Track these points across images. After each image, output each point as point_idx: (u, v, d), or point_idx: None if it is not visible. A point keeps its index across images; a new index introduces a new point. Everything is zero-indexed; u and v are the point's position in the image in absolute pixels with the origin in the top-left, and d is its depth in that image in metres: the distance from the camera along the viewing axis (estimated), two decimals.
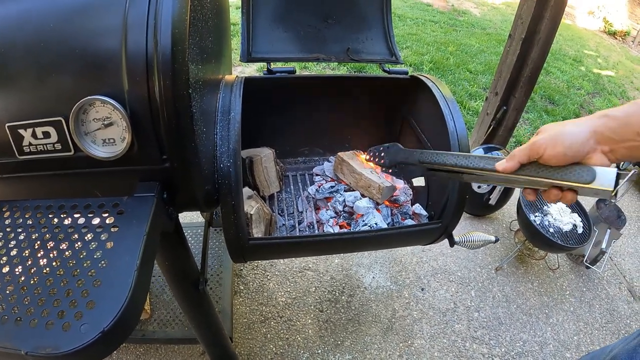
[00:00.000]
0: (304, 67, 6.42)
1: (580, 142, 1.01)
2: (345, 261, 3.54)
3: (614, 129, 0.98)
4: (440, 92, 1.93)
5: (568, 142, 1.02)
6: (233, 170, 1.46)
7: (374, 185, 2.19)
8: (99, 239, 1.02)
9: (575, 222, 3.44)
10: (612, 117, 0.99)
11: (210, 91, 1.49)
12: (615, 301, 3.60)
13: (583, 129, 1.02)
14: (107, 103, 1.00)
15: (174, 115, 1.05)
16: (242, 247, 1.62)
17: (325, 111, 2.46)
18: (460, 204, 1.81)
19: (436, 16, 10.24)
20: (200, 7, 1.28)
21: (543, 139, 1.07)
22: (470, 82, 6.89)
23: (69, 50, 1.01)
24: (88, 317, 0.88)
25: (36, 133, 1.05)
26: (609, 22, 12.60)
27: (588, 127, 1.01)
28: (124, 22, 1.00)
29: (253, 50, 2.15)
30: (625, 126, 0.96)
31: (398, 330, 3.11)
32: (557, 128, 1.07)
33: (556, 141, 1.04)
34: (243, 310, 3.07)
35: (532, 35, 3.55)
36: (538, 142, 1.07)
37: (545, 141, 1.06)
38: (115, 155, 1.07)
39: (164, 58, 1.00)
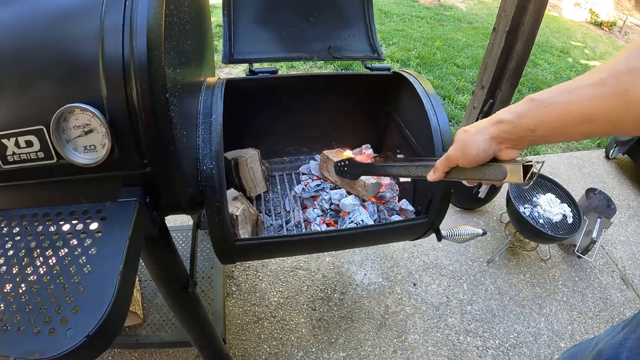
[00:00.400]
0: (291, 66, 6.42)
1: (484, 149, 1.11)
2: (336, 259, 3.55)
3: (509, 132, 1.06)
4: (422, 87, 1.94)
5: (474, 151, 1.13)
6: (216, 172, 1.46)
7: (359, 182, 2.19)
8: (83, 245, 1.03)
9: (565, 212, 3.46)
10: (505, 121, 1.07)
11: (191, 94, 1.49)
12: (608, 289, 3.62)
13: (482, 138, 1.11)
14: (86, 110, 1.01)
15: (153, 120, 1.05)
16: (228, 249, 1.62)
17: (310, 110, 2.47)
18: (446, 198, 1.82)
19: (422, 12, 10.26)
20: (177, 11, 1.28)
21: (454, 151, 1.20)
22: (457, 76, 6.90)
23: (47, 59, 1.01)
24: (73, 322, 0.89)
25: (19, 142, 1.06)
26: (595, 13, 12.65)
27: (486, 135, 1.11)
28: (101, 28, 1.01)
29: (235, 51, 2.15)
30: (518, 127, 1.04)
31: (391, 326, 3.12)
32: (462, 139, 1.17)
33: (464, 152, 1.16)
34: (236, 311, 3.08)
35: (516, 27, 3.56)
36: (451, 155, 1.21)
37: (456, 153, 1.19)
38: (96, 161, 1.07)
39: (140, 63, 1.00)
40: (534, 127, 1.00)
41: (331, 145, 2.63)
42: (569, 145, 5.58)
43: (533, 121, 1.00)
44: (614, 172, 5.15)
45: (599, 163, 5.29)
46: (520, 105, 1.04)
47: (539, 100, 0.99)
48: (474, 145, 1.12)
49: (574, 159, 5.29)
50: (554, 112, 0.95)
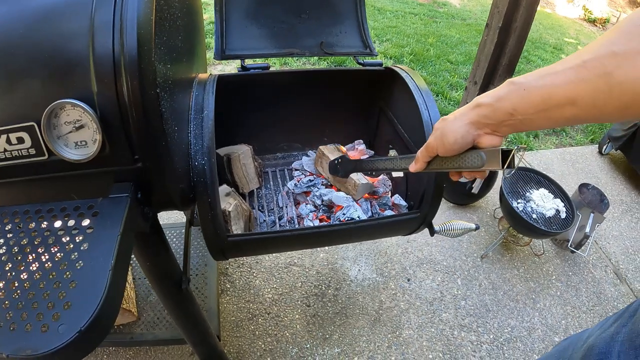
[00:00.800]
0: (285, 63, 6.42)
1: (462, 136, 1.10)
2: (330, 255, 3.55)
3: (488, 116, 1.04)
4: (414, 82, 1.94)
5: (452, 139, 1.11)
6: (208, 167, 1.46)
7: (350, 182, 2.20)
8: (75, 240, 1.02)
9: (558, 207, 3.46)
10: (484, 105, 1.05)
11: (182, 90, 1.49)
12: (601, 284, 3.63)
13: (461, 123, 1.10)
14: (77, 106, 1.01)
15: (143, 115, 1.05)
16: (221, 245, 1.62)
17: (302, 106, 2.48)
18: (438, 193, 1.82)
19: (416, 8, 10.27)
20: (168, 6, 1.28)
21: (433, 140, 1.19)
22: (451, 72, 6.90)
23: (37, 55, 1.01)
24: (65, 318, 0.89)
25: (10, 139, 1.06)
26: (589, 10, 12.69)
27: (465, 121, 1.09)
28: (91, 24, 1.01)
29: (227, 47, 2.15)
30: (496, 111, 1.02)
31: (386, 321, 3.12)
32: (441, 127, 1.16)
33: (443, 140, 1.14)
34: (230, 308, 3.08)
35: (508, 24, 3.57)
36: (430, 144, 1.20)
37: (435, 142, 1.18)
38: (87, 157, 1.07)
39: (131, 59, 1.00)
40: (513, 110, 0.99)
41: (323, 140, 2.63)
42: (562, 141, 5.60)
43: (512, 104, 0.99)
44: (607, 168, 5.17)
45: (592, 158, 5.31)
46: (500, 88, 1.02)
47: (518, 83, 0.98)
48: (452, 132, 1.11)
49: (567, 154, 5.30)
50: (535, 94, 0.94)
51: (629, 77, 0.78)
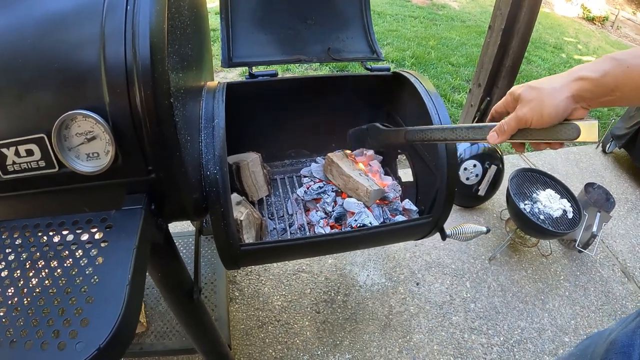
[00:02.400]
0: (287, 69, 6.41)
1: (563, 110, 1.08)
2: (338, 261, 3.54)
3: (590, 90, 1.03)
4: (423, 86, 1.93)
5: (553, 112, 1.08)
6: (220, 177, 1.45)
7: (362, 189, 2.18)
8: (89, 254, 1.01)
9: (565, 207, 3.45)
10: (588, 79, 1.03)
11: (193, 99, 1.48)
12: (609, 283, 3.61)
13: (562, 96, 1.07)
14: (89, 117, 0.99)
15: (157, 125, 1.03)
16: (234, 254, 1.61)
17: (310, 112, 2.45)
18: (450, 197, 1.81)
19: (415, 11, 10.26)
20: (178, 14, 1.27)
21: (529, 112, 1.13)
22: (452, 75, 6.90)
23: (47, 65, 1.00)
24: (83, 335, 0.87)
25: (19, 151, 1.04)
26: (587, 9, 12.67)
27: (567, 94, 1.07)
28: (102, 33, 0.99)
29: (234, 55, 2.14)
30: (600, 86, 1.01)
31: (396, 326, 3.11)
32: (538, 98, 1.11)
33: (542, 112, 1.10)
34: (240, 316, 3.06)
35: (511, 25, 3.56)
36: (525, 115, 1.14)
37: (531, 114, 1.12)
38: (100, 169, 1.06)
39: (144, 68, 0.99)
40: (615, 87, 0.99)
41: (331, 147, 2.62)
42: None
43: (615, 81, 0.98)
44: (611, 166, 5.15)
45: (596, 157, 5.29)
46: (601, 63, 1.02)
47: (620, 59, 0.98)
48: (553, 104, 1.08)
49: (571, 154, 5.29)
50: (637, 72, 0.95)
51: None
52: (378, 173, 2.44)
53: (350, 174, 2.23)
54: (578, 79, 1.05)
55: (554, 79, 1.11)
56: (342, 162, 2.30)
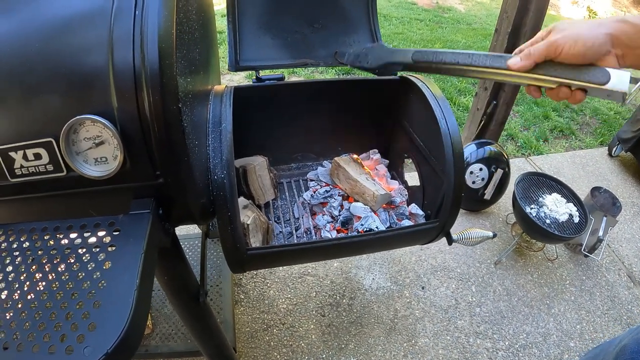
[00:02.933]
0: (293, 72, 6.41)
1: (600, 44, 1.02)
2: (344, 264, 3.53)
3: (630, 35, 1.00)
4: (430, 91, 1.93)
5: (589, 42, 1.03)
6: (227, 181, 1.45)
7: (369, 193, 2.18)
8: (97, 259, 1.01)
9: (571, 211, 3.44)
10: (631, 23, 1.00)
11: (200, 103, 1.48)
12: (615, 287, 3.60)
13: (601, 31, 1.03)
14: (97, 122, 0.99)
15: (165, 130, 1.04)
16: (241, 258, 1.61)
17: (317, 116, 2.46)
18: (457, 202, 1.81)
19: (421, 14, 10.26)
20: (186, 19, 1.27)
21: (562, 39, 1.06)
22: (458, 78, 6.87)
23: (55, 69, 1.00)
24: (90, 339, 0.87)
25: (27, 155, 1.04)
26: (593, 11, 12.66)
27: (605, 30, 1.03)
28: (110, 38, 0.99)
29: (241, 58, 2.14)
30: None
31: (401, 330, 3.10)
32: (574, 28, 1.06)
33: (576, 41, 1.04)
34: (245, 319, 3.06)
35: (518, 28, 3.55)
36: (558, 41, 1.07)
37: (564, 40, 1.06)
38: (108, 173, 1.06)
39: (152, 73, 0.99)
40: None
41: (338, 150, 2.62)
42: (571, 144, 5.57)
43: None
44: (617, 170, 5.13)
45: (602, 161, 5.27)
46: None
47: None
48: (591, 36, 1.03)
49: (577, 157, 5.27)
50: None
51: None
52: (384, 177, 2.44)
53: (357, 178, 2.23)
54: (620, 21, 1.03)
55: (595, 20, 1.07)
56: (349, 166, 2.30)
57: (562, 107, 6.38)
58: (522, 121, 5.91)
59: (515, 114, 6.06)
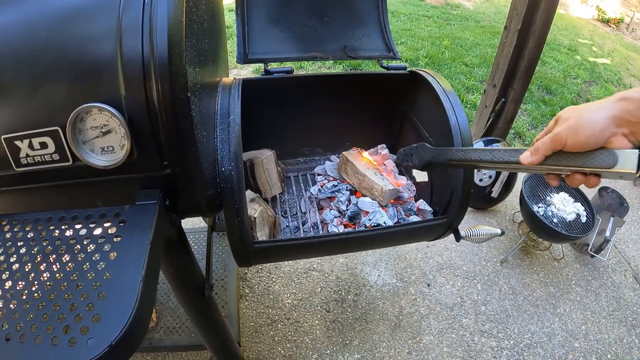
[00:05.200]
0: (300, 66, 6.41)
1: (600, 130, 0.99)
2: (350, 260, 3.53)
3: (633, 112, 0.96)
4: (440, 86, 1.91)
5: (589, 131, 1.00)
6: (235, 173, 1.44)
7: (377, 188, 2.16)
8: (102, 249, 1.00)
9: (578, 211, 3.43)
10: (631, 99, 0.97)
11: (209, 94, 1.46)
12: (621, 289, 3.59)
13: (602, 115, 1.00)
14: (104, 110, 0.98)
15: (174, 120, 1.03)
16: (247, 251, 1.60)
17: (325, 110, 2.45)
18: (465, 198, 1.79)
19: (429, 11, 10.26)
20: (196, 8, 1.26)
21: (564, 131, 1.05)
22: (466, 75, 6.88)
23: (62, 57, 0.99)
24: (94, 331, 0.86)
25: (33, 144, 1.03)
26: (602, 10, 12.63)
27: (607, 113, 0.99)
28: (118, 26, 0.98)
29: (249, 51, 2.13)
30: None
31: (406, 327, 3.10)
32: (575, 116, 1.04)
33: (577, 131, 1.02)
34: (249, 314, 3.06)
35: (527, 26, 3.54)
36: (560, 134, 1.06)
37: (566, 132, 1.04)
38: (114, 163, 1.05)
39: (161, 62, 0.98)
40: None
41: (345, 145, 2.61)
42: None
43: None
44: None
45: None
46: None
47: None
48: (591, 123, 1.01)
49: None
50: None
51: None
52: (392, 172, 2.43)
53: (365, 172, 2.22)
54: (621, 99, 0.99)
55: (598, 101, 1.05)
56: (357, 161, 2.29)
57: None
58: (530, 119, 5.90)
59: (523, 112, 6.05)
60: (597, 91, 7.18)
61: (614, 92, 6.35)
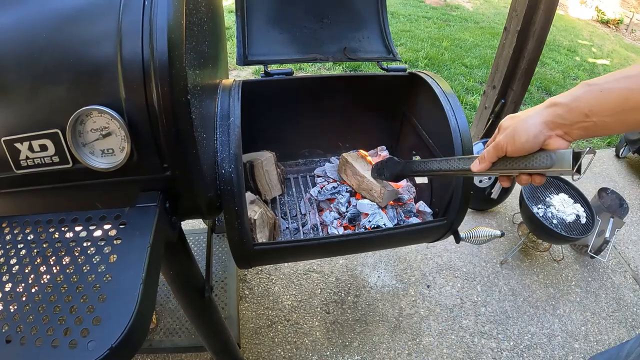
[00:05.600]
0: (300, 68, 6.41)
1: (534, 135, 1.09)
2: (349, 261, 3.53)
3: (562, 115, 1.05)
4: (440, 87, 1.91)
5: (524, 137, 1.10)
6: (235, 175, 1.44)
7: (376, 189, 2.17)
8: (102, 252, 1.00)
9: (578, 212, 3.43)
10: (559, 104, 1.05)
11: (209, 96, 1.47)
12: (621, 290, 3.59)
13: (534, 121, 1.09)
14: (105, 113, 0.98)
15: (174, 122, 1.03)
16: (247, 253, 1.60)
17: (325, 112, 2.45)
18: (465, 200, 1.80)
19: (429, 12, 10.26)
20: (196, 10, 1.26)
21: (504, 139, 1.16)
22: (466, 76, 6.88)
23: (62, 59, 0.99)
24: (95, 333, 0.86)
25: (33, 146, 1.03)
26: (602, 11, 12.63)
27: (539, 119, 1.09)
28: (118, 28, 0.98)
29: (249, 53, 2.13)
30: (572, 111, 1.03)
31: (406, 328, 3.10)
32: (512, 125, 1.15)
33: (513, 138, 1.12)
34: (249, 315, 3.06)
35: (527, 27, 3.54)
36: (500, 142, 1.17)
37: (505, 140, 1.15)
38: (114, 165, 1.05)
39: (161, 64, 0.98)
40: (588, 111, 0.99)
41: (345, 147, 2.61)
42: (579, 144, 5.54)
43: (588, 105, 0.99)
44: (624, 171, 5.12)
45: (610, 162, 5.27)
46: (575, 89, 1.03)
47: (594, 84, 0.99)
48: (524, 130, 1.10)
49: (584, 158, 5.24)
50: (611, 96, 0.96)
51: None
52: None
53: (364, 174, 2.22)
54: (551, 105, 1.08)
55: (531, 109, 1.14)
56: (357, 162, 2.29)
57: None
58: None
59: None
60: None
61: None
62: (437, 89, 1.91)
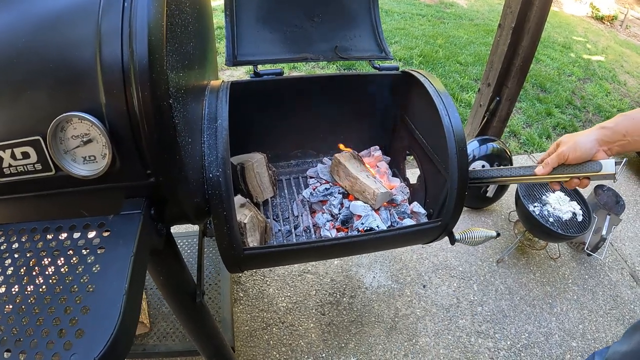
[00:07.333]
0: (293, 67, 6.39)
1: (589, 147, 1.51)
2: (344, 262, 3.52)
3: (609, 135, 1.49)
4: (432, 86, 1.90)
5: (583, 149, 1.51)
6: (223, 179, 1.42)
7: (369, 191, 2.15)
8: (86, 261, 0.98)
9: (574, 210, 3.42)
10: (607, 128, 1.50)
11: (195, 99, 1.45)
12: (618, 287, 3.59)
13: (589, 139, 1.51)
14: (85, 119, 0.97)
15: (155, 127, 1.01)
16: (237, 258, 1.58)
17: (316, 112, 2.43)
18: (460, 200, 1.79)
19: (423, 9, 10.27)
20: (179, 11, 1.24)
21: (566, 149, 1.55)
22: (460, 74, 6.88)
23: (42, 65, 0.97)
24: (78, 346, 0.85)
25: (15, 154, 1.02)
26: (596, 8, 12.64)
27: (593, 137, 1.51)
28: (97, 32, 0.96)
29: (239, 53, 2.11)
30: (615, 133, 1.47)
31: (402, 329, 3.08)
32: (573, 140, 1.54)
33: (575, 149, 1.53)
34: (244, 318, 3.04)
35: (522, 24, 3.53)
36: (563, 152, 1.55)
37: (568, 150, 1.54)
38: (96, 172, 1.03)
39: (141, 68, 0.96)
40: (625, 132, 1.45)
41: (338, 147, 2.59)
42: None
43: (625, 129, 1.45)
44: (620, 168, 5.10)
45: None
46: (617, 117, 1.48)
47: (629, 115, 1.46)
48: (583, 144, 1.51)
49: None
50: None
51: None
52: (386, 174, 2.42)
53: (357, 175, 2.20)
54: (601, 128, 1.51)
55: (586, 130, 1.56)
56: (349, 163, 2.27)
57: (565, 104, 6.40)
58: (524, 118, 5.90)
59: (518, 110, 6.05)
60: (592, 88, 7.18)
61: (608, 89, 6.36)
62: (430, 88, 1.90)
